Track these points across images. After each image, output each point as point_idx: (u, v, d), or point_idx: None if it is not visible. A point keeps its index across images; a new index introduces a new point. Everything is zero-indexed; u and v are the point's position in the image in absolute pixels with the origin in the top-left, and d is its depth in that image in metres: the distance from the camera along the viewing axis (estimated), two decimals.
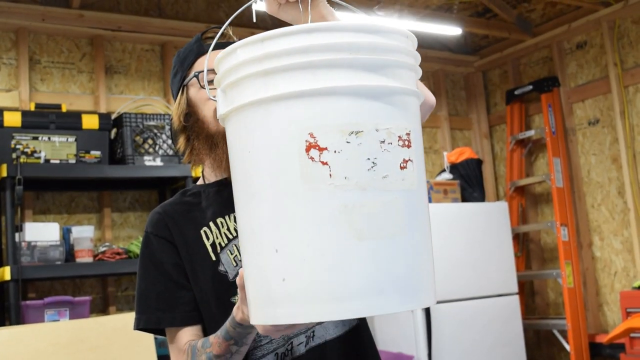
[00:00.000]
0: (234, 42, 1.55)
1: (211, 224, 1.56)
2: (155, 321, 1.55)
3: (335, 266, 0.99)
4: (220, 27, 1.58)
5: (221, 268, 1.52)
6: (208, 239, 1.56)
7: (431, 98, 1.53)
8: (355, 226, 0.99)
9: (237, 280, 1.19)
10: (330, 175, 0.99)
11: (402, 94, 1.06)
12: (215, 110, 1.53)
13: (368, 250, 0.99)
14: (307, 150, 1.00)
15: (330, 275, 0.99)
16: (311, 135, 0.99)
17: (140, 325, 1.56)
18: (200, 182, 1.70)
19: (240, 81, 1.06)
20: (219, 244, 1.55)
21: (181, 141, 1.63)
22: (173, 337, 1.57)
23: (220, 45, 1.54)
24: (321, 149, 0.99)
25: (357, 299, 0.99)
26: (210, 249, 1.54)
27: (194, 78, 1.58)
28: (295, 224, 1.00)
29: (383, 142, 1.01)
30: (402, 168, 1.03)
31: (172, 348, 1.58)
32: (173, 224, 1.59)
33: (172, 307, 1.55)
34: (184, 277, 1.56)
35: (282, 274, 1.01)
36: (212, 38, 1.59)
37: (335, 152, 0.99)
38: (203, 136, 1.56)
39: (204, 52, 1.56)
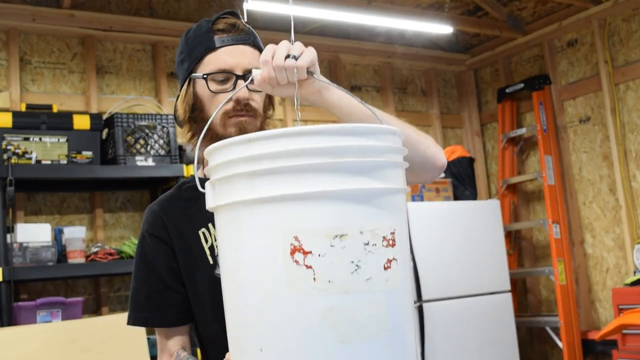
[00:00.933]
0: (243, 34, 1.54)
1: (210, 225, 1.55)
2: (144, 320, 1.58)
3: None
4: (230, 15, 1.58)
5: (218, 272, 1.51)
6: (206, 241, 1.55)
7: (438, 160, 1.53)
8: (338, 329, 1.00)
9: None
10: (314, 278, 1.00)
11: (388, 194, 1.07)
12: (223, 111, 1.51)
13: (351, 353, 1.01)
14: (292, 253, 1.00)
15: None
16: (296, 238, 1.00)
17: (130, 323, 1.59)
18: (200, 172, 1.67)
19: (227, 179, 1.07)
20: (217, 246, 1.53)
21: (186, 130, 1.60)
22: (162, 336, 1.60)
23: (230, 40, 1.52)
24: (305, 253, 1.00)
25: None
26: (208, 252, 1.54)
27: (202, 79, 1.54)
28: (279, 325, 1.02)
29: (367, 244, 1.02)
30: (385, 268, 1.03)
31: (160, 347, 1.60)
32: (171, 223, 1.57)
33: (160, 308, 1.56)
34: (176, 278, 1.56)
35: None
36: (223, 31, 1.54)
37: (319, 255, 1.00)
38: (209, 135, 1.53)
39: (213, 47, 1.53)
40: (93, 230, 4.18)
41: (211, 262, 1.52)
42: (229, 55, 1.51)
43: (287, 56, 1.27)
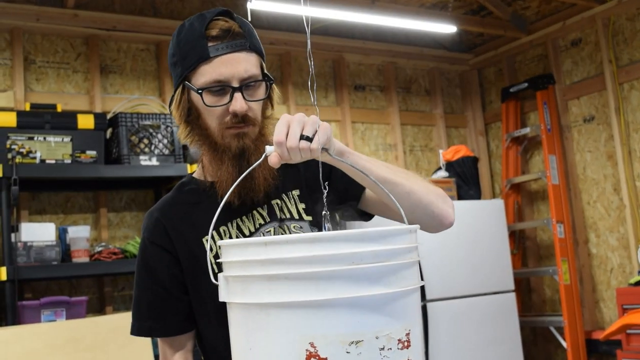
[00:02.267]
0: (238, 39, 1.49)
1: (214, 233, 1.53)
2: (147, 330, 1.57)
3: None
4: (224, 16, 1.52)
5: None
6: (211, 250, 1.52)
7: (447, 219, 1.54)
8: None
9: None
10: None
11: (403, 297, 1.07)
12: (220, 123, 1.49)
13: None
14: (307, 359, 1.00)
15: None
16: (312, 344, 1.00)
17: (133, 333, 1.58)
18: (198, 172, 1.65)
19: (242, 278, 1.08)
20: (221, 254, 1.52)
21: (183, 131, 1.57)
22: (165, 345, 1.58)
23: (224, 49, 1.47)
24: (321, 359, 1.00)
25: None
26: (212, 260, 1.51)
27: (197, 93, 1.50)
28: None
29: (382, 348, 1.02)
30: None
31: (162, 355, 1.59)
32: (173, 230, 1.55)
33: (163, 317, 1.55)
34: (179, 286, 1.55)
35: None
36: (216, 38, 1.47)
37: None
38: (207, 144, 1.52)
39: (207, 57, 1.46)
40: (97, 230, 4.18)
41: (216, 270, 1.49)
42: (224, 66, 1.46)
43: (302, 136, 1.26)
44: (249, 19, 1.63)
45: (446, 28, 5.01)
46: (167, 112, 4.30)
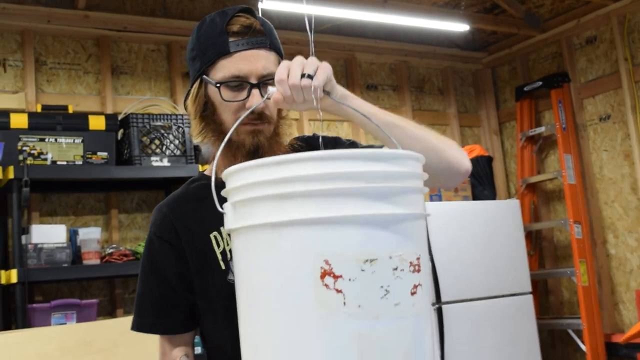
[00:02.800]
0: (258, 37, 1.49)
1: (222, 229, 1.50)
2: (148, 327, 1.55)
3: None
4: (246, 13, 1.52)
5: (231, 277, 1.48)
6: (218, 245, 1.51)
7: (462, 166, 1.50)
8: (365, 356, 1.01)
9: None
10: (345, 303, 1.01)
11: (413, 220, 1.09)
12: (235, 118, 1.47)
13: None
14: (322, 277, 1.01)
15: None
16: (326, 262, 1.01)
17: (133, 328, 1.57)
18: (209, 170, 1.64)
19: (252, 201, 1.08)
20: (230, 251, 1.49)
21: (196, 127, 1.57)
22: (165, 341, 1.58)
23: (245, 45, 1.48)
24: (336, 277, 1.01)
25: None
26: (220, 256, 1.50)
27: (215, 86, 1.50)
28: (308, 347, 1.02)
29: (396, 269, 1.04)
30: (412, 294, 1.05)
31: (162, 351, 1.59)
32: (181, 226, 1.53)
33: (166, 314, 1.54)
34: (184, 284, 1.53)
35: None
36: (237, 33, 1.48)
37: (349, 280, 1.01)
38: (221, 140, 1.48)
39: (227, 52, 1.47)
40: (108, 231, 4.15)
41: (223, 267, 1.49)
42: (243, 62, 1.47)
43: (303, 75, 1.28)
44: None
45: (459, 27, 4.97)
46: (179, 112, 4.28)
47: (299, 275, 1.02)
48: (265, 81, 1.48)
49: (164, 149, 3.91)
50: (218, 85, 1.47)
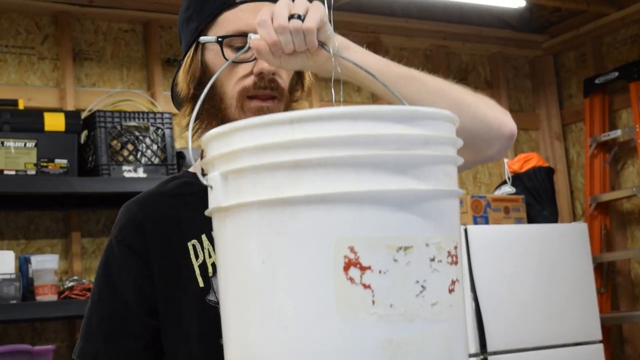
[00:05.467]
0: None
1: (203, 237, 1.52)
2: (93, 354, 1.54)
3: None
4: None
5: (211, 298, 1.49)
6: (197, 256, 1.52)
7: (505, 126, 1.50)
8: None
9: None
10: (374, 302, 1.00)
11: (450, 198, 1.09)
12: (241, 89, 1.49)
13: None
14: (346, 268, 1.00)
15: None
16: (351, 249, 1.00)
17: (75, 355, 1.56)
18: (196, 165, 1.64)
19: (254, 170, 1.04)
20: (212, 264, 1.50)
21: (186, 110, 1.58)
22: None
23: None
24: (363, 268, 1.00)
25: None
26: (198, 270, 1.51)
27: (216, 43, 1.50)
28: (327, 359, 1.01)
29: (433, 259, 1.03)
30: (450, 291, 1.05)
31: None
32: (151, 229, 1.55)
33: (116, 339, 1.53)
34: (144, 303, 1.53)
35: None
36: None
37: (380, 272, 1.00)
38: (219, 119, 1.51)
39: (231, 3, 1.49)
40: (68, 260, 4.19)
41: (201, 284, 1.50)
42: (251, 15, 1.45)
43: (291, 16, 1.27)
44: None
45: (513, 2, 5.00)
46: (158, 110, 4.33)
47: (317, 266, 1.00)
48: None
49: (138, 155, 3.96)
50: (220, 39, 1.48)
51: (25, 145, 3.79)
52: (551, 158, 5.88)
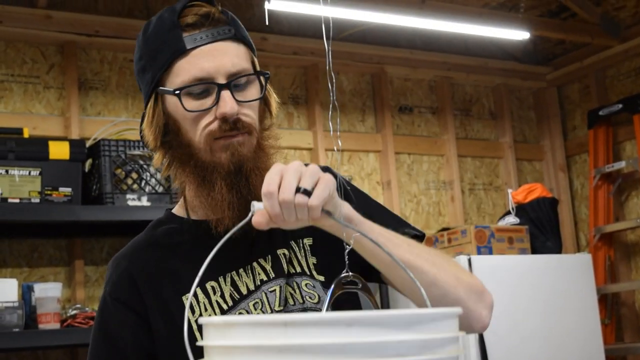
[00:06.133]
0: (221, 26, 1.49)
1: (198, 290, 1.52)
2: None
3: None
4: (201, 2, 1.52)
5: None
6: (193, 311, 1.51)
7: (479, 322, 1.55)
8: None
9: None
10: None
11: None
12: (207, 133, 1.48)
13: None
14: None
15: None
16: None
17: None
18: (179, 208, 1.64)
19: None
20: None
21: (159, 158, 1.57)
22: None
23: (205, 38, 1.48)
24: None
25: None
26: (195, 326, 1.50)
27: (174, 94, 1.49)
28: None
29: None
30: None
31: None
32: (145, 284, 1.54)
33: None
34: (146, 358, 1.53)
35: None
36: (193, 26, 1.49)
37: None
38: (191, 165, 1.51)
39: (183, 50, 1.48)
40: (71, 288, 4.19)
41: (199, 340, 1.49)
42: (205, 59, 1.47)
43: (298, 189, 1.26)
44: (267, 22, 1.66)
45: (517, 34, 5.02)
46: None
47: None
48: (236, 80, 1.49)
49: (142, 184, 3.96)
50: (177, 92, 1.47)
51: (29, 173, 3.80)
52: (555, 189, 5.87)
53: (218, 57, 1.47)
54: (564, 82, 6.00)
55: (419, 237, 1.61)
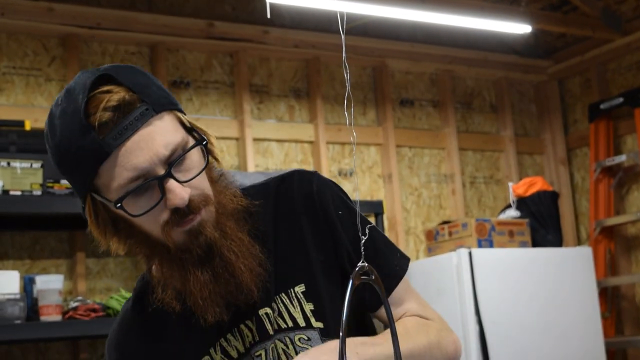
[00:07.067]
0: (138, 108, 1.34)
1: None
2: None
3: None
4: (105, 84, 1.35)
5: None
6: None
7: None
8: None
9: None
10: None
11: None
12: (164, 225, 1.38)
13: None
14: None
15: None
16: None
17: None
18: (155, 273, 1.54)
19: None
20: None
21: (119, 246, 1.47)
22: None
23: (126, 131, 1.33)
24: None
25: None
26: None
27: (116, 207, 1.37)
28: None
29: None
30: None
31: None
32: None
33: None
34: None
35: None
36: (106, 124, 1.32)
37: None
38: (158, 254, 1.43)
39: (107, 155, 1.32)
40: (72, 280, 4.19)
41: None
42: (134, 155, 1.32)
43: None
44: (268, 15, 1.61)
45: (518, 27, 5.01)
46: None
47: None
48: (175, 161, 1.36)
49: None
50: (118, 205, 1.34)
51: (31, 165, 3.80)
52: (556, 182, 5.87)
53: (146, 147, 1.32)
54: (565, 75, 6.00)
55: (405, 258, 1.58)
